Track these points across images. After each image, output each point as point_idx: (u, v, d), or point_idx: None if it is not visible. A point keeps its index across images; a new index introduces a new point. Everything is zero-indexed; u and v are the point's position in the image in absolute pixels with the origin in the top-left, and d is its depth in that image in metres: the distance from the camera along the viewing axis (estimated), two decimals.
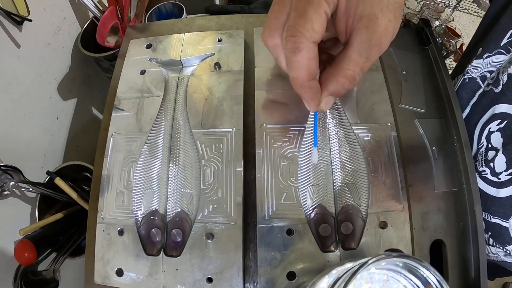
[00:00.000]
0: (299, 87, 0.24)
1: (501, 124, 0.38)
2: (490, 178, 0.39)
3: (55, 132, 0.67)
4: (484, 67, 0.43)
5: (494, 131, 0.39)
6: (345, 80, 0.24)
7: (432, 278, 0.24)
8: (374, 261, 0.22)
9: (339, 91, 0.24)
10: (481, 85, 0.43)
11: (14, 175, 0.51)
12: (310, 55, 0.22)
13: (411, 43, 0.50)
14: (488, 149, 0.40)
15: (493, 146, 0.39)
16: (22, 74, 0.57)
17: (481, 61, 0.43)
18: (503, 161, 0.37)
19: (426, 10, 1.09)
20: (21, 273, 0.47)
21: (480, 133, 0.41)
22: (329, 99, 0.25)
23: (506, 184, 0.37)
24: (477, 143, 0.42)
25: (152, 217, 0.37)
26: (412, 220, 0.37)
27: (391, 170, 0.38)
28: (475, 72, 0.44)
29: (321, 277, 0.26)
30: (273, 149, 0.39)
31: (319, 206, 0.36)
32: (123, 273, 0.36)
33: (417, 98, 0.45)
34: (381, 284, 0.26)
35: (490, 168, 0.39)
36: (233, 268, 0.35)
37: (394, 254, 0.23)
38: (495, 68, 0.42)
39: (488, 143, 0.40)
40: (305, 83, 0.24)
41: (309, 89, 0.24)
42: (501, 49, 0.41)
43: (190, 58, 0.45)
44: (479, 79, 0.43)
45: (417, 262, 0.24)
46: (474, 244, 0.38)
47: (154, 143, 0.40)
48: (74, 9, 0.72)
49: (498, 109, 0.39)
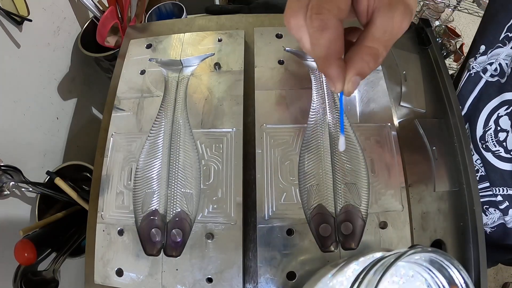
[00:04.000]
0: (325, 66, 0.24)
1: (508, 109, 0.43)
2: (504, 156, 0.43)
3: (55, 132, 0.67)
4: (486, 61, 0.47)
5: (503, 115, 0.43)
6: (370, 57, 0.24)
7: (460, 279, 0.23)
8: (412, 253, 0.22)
9: (365, 70, 0.24)
10: (482, 76, 0.48)
11: (14, 175, 0.51)
12: (337, 32, 0.23)
13: (411, 43, 0.50)
14: (497, 131, 0.44)
15: (502, 128, 0.44)
16: (22, 74, 0.57)
17: (486, 56, 0.47)
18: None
19: (426, 10, 1.09)
20: (21, 273, 0.47)
21: (487, 117, 0.46)
22: (355, 79, 0.24)
23: None
24: (484, 126, 0.46)
25: (152, 217, 0.37)
26: (412, 220, 0.37)
27: (391, 170, 0.38)
28: (479, 67, 0.48)
29: (348, 263, 0.26)
30: (273, 149, 0.39)
31: (319, 206, 0.36)
32: (123, 273, 0.36)
33: (417, 98, 0.45)
34: (406, 279, 0.25)
35: (504, 147, 0.43)
36: (233, 268, 0.35)
37: (430, 249, 0.23)
38: (494, 59, 0.46)
39: (497, 126, 0.44)
40: (332, 61, 0.23)
41: (336, 68, 0.24)
42: (499, 43, 0.45)
43: (190, 58, 0.45)
44: (481, 72, 0.48)
45: (449, 261, 0.23)
46: (474, 244, 0.38)
47: (154, 143, 0.40)
48: (74, 9, 0.72)
49: (506, 96, 0.43)
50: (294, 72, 0.44)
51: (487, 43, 0.47)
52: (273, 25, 0.51)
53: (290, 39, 0.47)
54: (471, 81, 0.49)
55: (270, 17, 0.52)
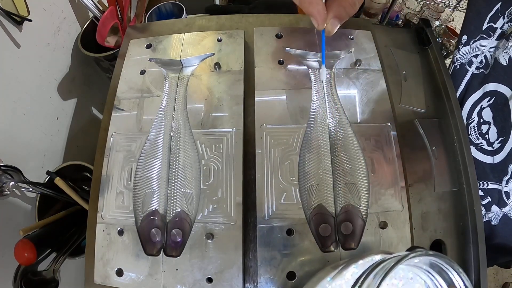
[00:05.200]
0: (308, 5, 0.27)
1: (490, 101, 0.44)
2: (486, 148, 0.44)
3: (55, 132, 0.67)
4: (471, 53, 0.48)
5: (485, 107, 0.45)
6: (347, 3, 0.27)
7: (460, 283, 0.23)
8: (413, 256, 0.22)
9: (342, 15, 0.28)
10: (468, 68, 0.48)
11: (14, 175, 0.51)
12: None
13: (411, 43, 0.50)
14: (480, 123, 0.45)
15: (484, 120, 0.45)
16: (22, 74, 0.57)
17: (469, 47, 0.48)
18: (494, 132, 0.44)
19: (426, 10, 1.09)
20: (21, 273, 0.47)
21: (470, 110, 0.47)
22: (334, 21, 0.28)
23: (498, 151, 0.43)
24: (467, 119, 0.47)
25: (152, 217, 0.37)
26: (412, 220, 0.37)
27: (391, 170, 0.38)
28: (464, 58, 0.49)
29: (347, 266, 0.25)
30: (273, 149, 0.39)
31: (319, 206, 0.36)
32: (123, 273, 0.36)
33: (417, 98, 0.45)
34: (405, 281, 0.25)
35: (486, 139, 0.45)
36: (233, 268, 0.35)
37: (431, 252, 0.23)
38: (479, 51, 0.47)
39: (480, 118, 0.45)
40: (315, 3, 0.27)
41: (316, 5, 0.27)
42: (483, 34, 0.46)
43: (190, 58, 0.45)
44: (467, 64, 0.49)
45: (449, 264, 0.23)
46: (474, 244, 0.38)
47: (154, 143, 0.40)
48: (74, 9, 0.72)
49: (487, 87, 0.45)
50: (294, 72, 0.44)
51: (469, 33, 0.48)
52: (273, 25, 0.51)
53: (290, 39, 0.47)
54: (457, 74, 0.49)
55: (270, 17, 0.52)
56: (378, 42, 0.47)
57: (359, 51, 0.45)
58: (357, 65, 0.44)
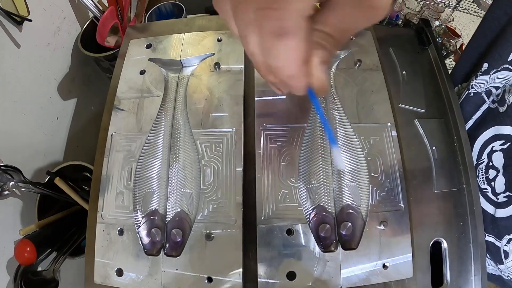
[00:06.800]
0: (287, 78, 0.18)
1: (504, 145, 0.38)
2: (491, 197, 0.40)
3: (55, 132, 0.67)
4: (490, 83, 0.42)
5: (497, 151, 0.39)
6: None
7: None
8: None
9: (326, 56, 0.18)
10: (485, 99, 0.42)
11: (14, 175, 0.51)
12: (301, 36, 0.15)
13: (411, 43, 0.50)
14: (488, 167, 0.40)
15: (494, 165, 0.39)
16: (22, 74, 0.57)
17: (488, 77, 0.42)
18: (502, 183, 0.38)
19: (426, 10, 1.09)
20: (21, 273, 0.47)
21: (481, 149, 0.41)
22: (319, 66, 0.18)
23: (502, 206, 0.38)
24: (477, 159, 0.42)
25: (152, 217, 0.37)
26: (412, 220, 0.37)
27: (391, 170, 0.38)
28: (480, 87, 0.43)
29: None
30: (273, 149, 0.39)
31: (319, 206, 0.36)
32: (123, 273, 0.36)
33: (417, 98, 0.45)
34: None
35: (491, 187, 0.39)
36: (233, 268, 0.35)
37: None
38: (501, 84, 0.40)
39: (489, 161, 0.40)
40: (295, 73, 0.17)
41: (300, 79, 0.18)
42: (508, 65, 0.39)
43: (190, 58, 0.45)
44: (484, 94, 0.42)
45: None
46: (474, 244, 0.38)
47: (154, 143, 0.40)
48: (74, 9, 0.72)
49: (502, 130, 0.39)
50: None
51: (491, 61, 0.41)
52: None
53: None
54: (471, 102, 0.44)
55: None
56: (378, 42, 0.47)
57: (359, 51, 0.45)
58: (357, 65, 0.44)
